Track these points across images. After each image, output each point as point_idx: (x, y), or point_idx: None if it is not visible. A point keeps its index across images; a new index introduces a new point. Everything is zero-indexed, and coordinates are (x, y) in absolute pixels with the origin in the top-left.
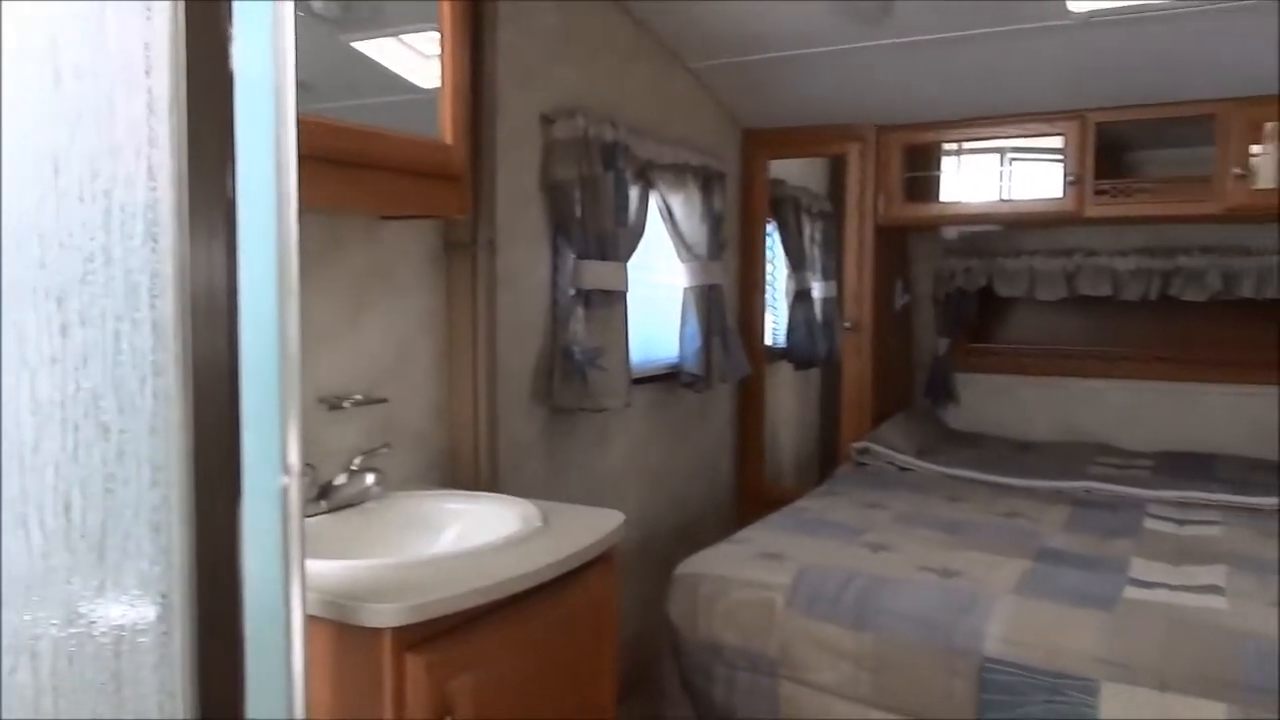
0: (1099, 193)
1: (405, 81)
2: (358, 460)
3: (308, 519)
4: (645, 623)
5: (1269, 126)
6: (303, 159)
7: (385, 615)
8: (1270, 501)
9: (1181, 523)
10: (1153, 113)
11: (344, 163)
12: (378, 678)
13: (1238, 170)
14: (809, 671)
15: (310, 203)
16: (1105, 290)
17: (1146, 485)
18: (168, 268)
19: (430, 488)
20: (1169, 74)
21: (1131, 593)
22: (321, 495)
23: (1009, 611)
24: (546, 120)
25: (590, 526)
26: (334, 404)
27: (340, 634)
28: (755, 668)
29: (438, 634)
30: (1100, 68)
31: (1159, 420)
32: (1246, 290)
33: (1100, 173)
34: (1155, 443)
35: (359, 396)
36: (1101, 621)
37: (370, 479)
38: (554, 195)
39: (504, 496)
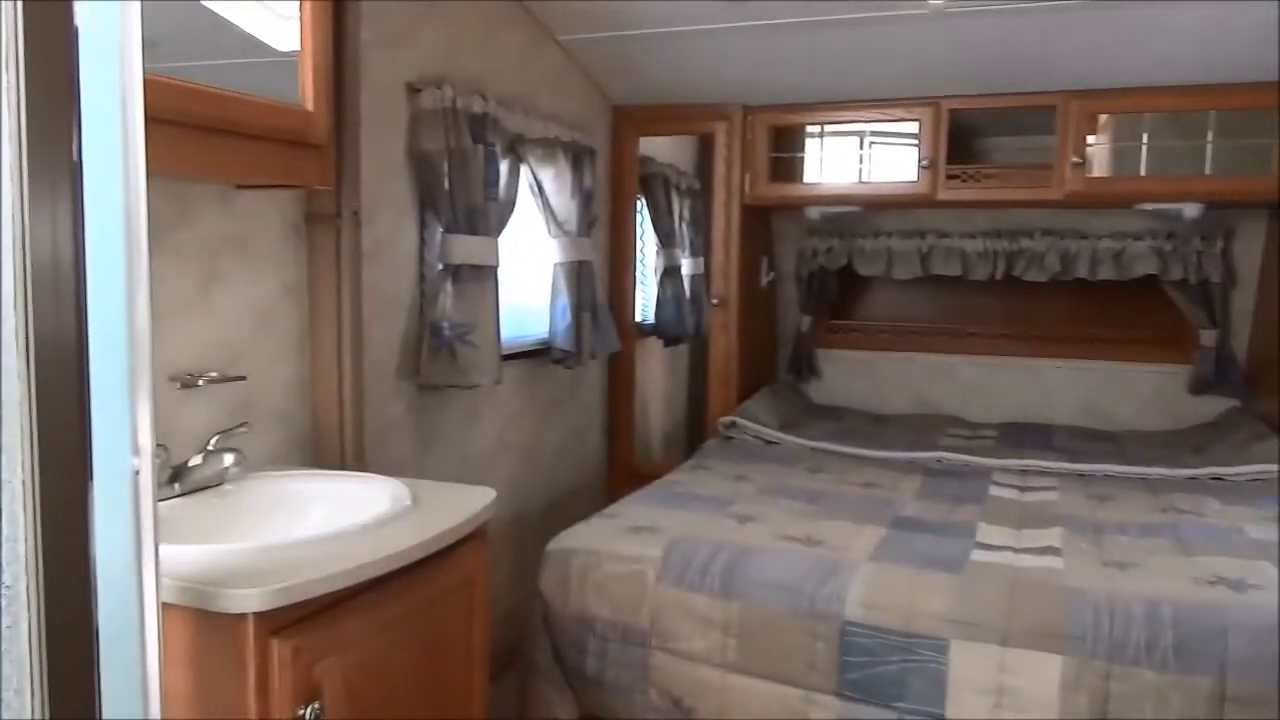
0: (950, 177)
1: (263, 44)
2: (214, 440)
3: (161, 502)
4: (518, 599)
5: (1103, 119)
6: (152, 121)
7: (247, 600)
8: (1099, 469)
9: (1023, 489)
10: (1000, 102)
11: (196, 126)
12: (241, 665)
13: (1075, 159)
14: (679, 641)
15: (159, 167)
16: (956, 270)
17: (992, 454)
18: (5, 235)
19: (293, 468)
20: (1016, 66)
21: (978, 556)
22: (175, 478)
23: (867, 577)
24: (413, 89)
25: (461, 504)
26: (187, 382)
27: (200, 621)
28: (626, 639)
29: (303, 618)
30: (954, 58)
31: (1003, 393)
32: (1081, 271)
33: (952, 158)
34: (1000, 414)
35: (214, 374)
36: (951, 584)
37: (228, 460)
38: (421, 167)
39: (371, 475)
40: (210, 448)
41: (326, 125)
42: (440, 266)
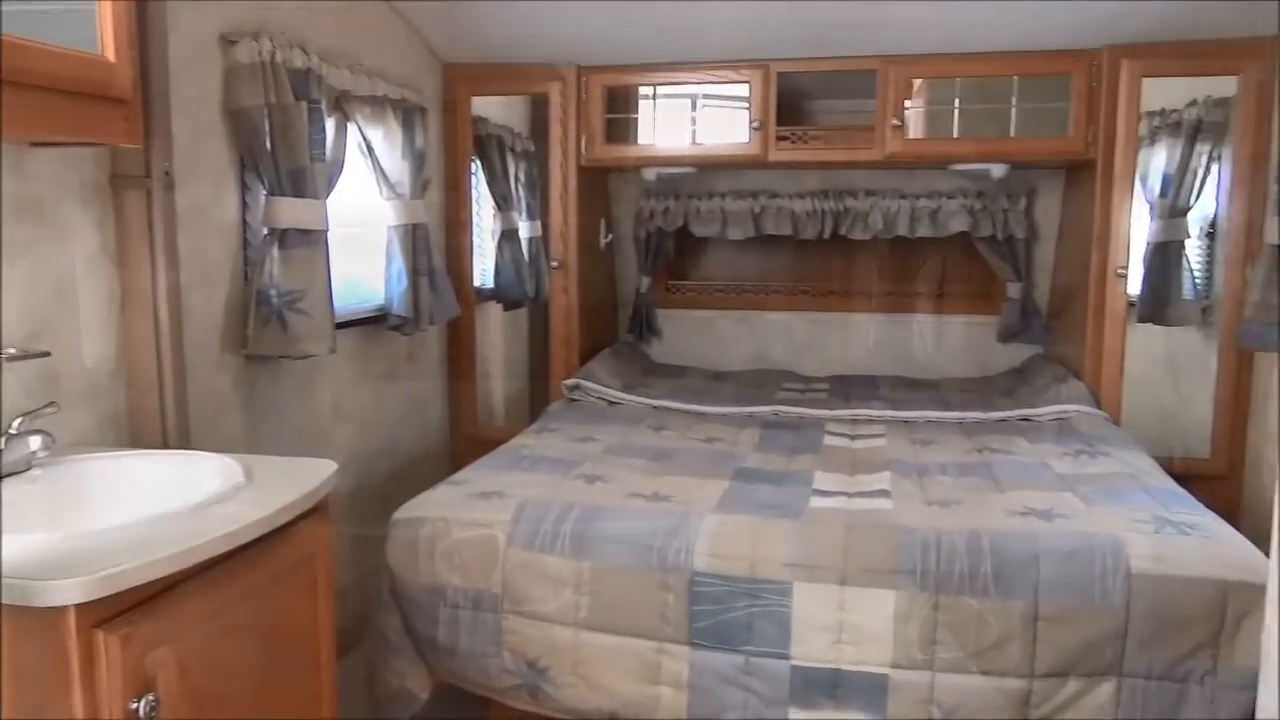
0: (780, 139)
1: None
2: (18, 422)
3: None
4: (362, 572)
5: (919, 83)
6: None
7: (67, 592)
8: (921, 415)
9: (854, 437)
10: (825, 65)
11: None
12: (64, 661)
13: (895, 122)
14: (531, 603)
15: None
16: (787, 230)
17: (825, 406)
18: None
19: (111, 448)
20: (840, 31)
21: (816, 502)
22: None
23: (713, 529)
24: (227, 41)
25: (299, 478)
26: None
27: (16, 618)
28: (478, 605)
29: (131, 607)
30: (783, 21)
31: (834, 348)
32: (902, 229)
33: (782, 120)
34: (832, 368)
35: (12, 350)
36: (791, 530)
37: (35, 443)
38: (239, 125)
39: (199, 453)
40: (13, 430)
41: (130, 77)
42: (265, 231)
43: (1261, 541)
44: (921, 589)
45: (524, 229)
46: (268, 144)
